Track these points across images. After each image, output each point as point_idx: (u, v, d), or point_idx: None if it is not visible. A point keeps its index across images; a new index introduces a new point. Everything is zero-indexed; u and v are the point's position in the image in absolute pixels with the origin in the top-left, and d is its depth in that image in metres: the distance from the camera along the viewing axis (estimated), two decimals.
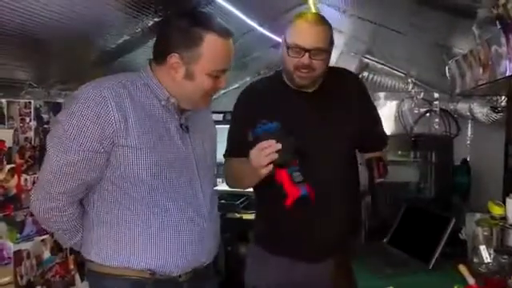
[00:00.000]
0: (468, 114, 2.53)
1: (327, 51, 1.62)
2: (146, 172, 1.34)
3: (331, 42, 1.65)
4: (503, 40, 1.26)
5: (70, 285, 1.92)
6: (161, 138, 1.37)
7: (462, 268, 1.51)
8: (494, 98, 2.06)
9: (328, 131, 1.68)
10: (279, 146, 1.45)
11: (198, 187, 1.46)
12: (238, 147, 1.69)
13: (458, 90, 1.80)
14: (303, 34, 1.59)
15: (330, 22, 1.65)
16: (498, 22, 1.27)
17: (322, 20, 1.63)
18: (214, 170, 1.67)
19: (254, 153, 1.50)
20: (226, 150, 1.81)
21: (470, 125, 2.81)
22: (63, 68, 1.80)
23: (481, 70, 1.49)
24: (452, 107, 2.73)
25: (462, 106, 2.60)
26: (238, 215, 2.96)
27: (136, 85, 1.38)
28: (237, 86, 3.40)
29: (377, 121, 1.86)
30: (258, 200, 1.94)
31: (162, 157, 1.37)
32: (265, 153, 1.46)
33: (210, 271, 1.58)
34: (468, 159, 2.70)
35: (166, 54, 1.35)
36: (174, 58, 1.34)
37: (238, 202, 3.04)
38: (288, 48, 1.61)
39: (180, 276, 1.44)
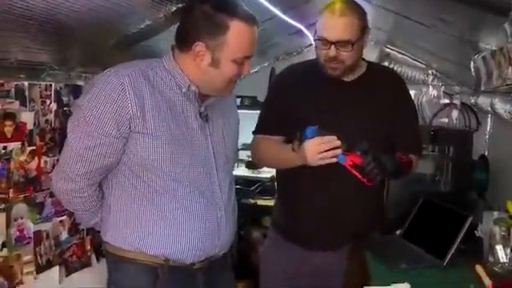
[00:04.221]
0: (489, 108, 2.48)
1: (355, 42, 1.58)
2: (162, 160, 1.35)
3: (362, 31, 1.60)
4: None
5: (86, 265, 1.96)
6: (179, 126, 1.38)
7: (479, 268, 1.50)
8: None
9: (360, 121, 1.67)
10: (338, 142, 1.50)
11: (215, 177, 1.46)
12: (271, 125, 1.76)
13: (483, 87, 1.76)
14: (327, 26, 1.58)
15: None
16: None
17: (349, 10, 1.58)
18: (234, 159, 1.66)
19: (312, 146, 1.52)
20: (257, 126, 1.83)
21: (489, 120, 2.76)
22: (84, 51, 1.80)
23: (510, 70, 1.45)
24: (473, 101, 2.68)
25: (484, 101, 2.54)
26: (252, 201, 2.98)
27: (156, 72, 1.38)
28: (255, 70, 3.40)
29: (412, 124, 1.82)
30: (279, 187, 1.97)
31: (180, 145, 1.37)
32: (326, 147, 1.50)
33: (227, 261, 1.59)
34: (486, 154, 2.66)
35: (190, 41, 1.33)
36: (199, 46, 1.33)
37: (253, 188, 3.05)
38: (315, 40, 1.61)
39: (194, 264, 1.46)
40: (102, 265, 1.71)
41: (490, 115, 2.73)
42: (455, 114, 2.66)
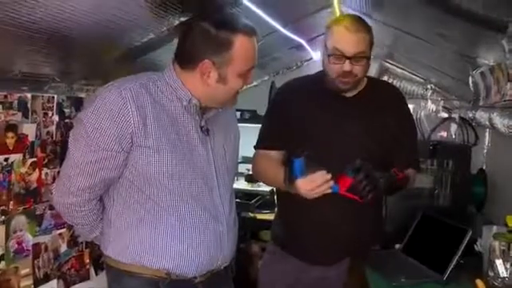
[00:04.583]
0: (487, 123, 2.50)
1: (368, 56, 1.62)
2: (164, 174, 1.34)
3: (371, 45, 1.63)
4: None
5: (85, 278, 1.94)
6: (180, 140, 1.38)
7: (480, 283, 1.50)
8: None
9: (362, 136, 1.68)
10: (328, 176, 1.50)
11: (216, 191, 1.46)
12: (273, 139, 1.77)
13: (481, 103, 1.78)
14: (344, 40, 1.58)
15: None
16: None
17: (362, 26, 1.61)
18: (234, 173, 1.66)
19: (305, 185, 1.52)
20: (258, 140, 1.83)
21: (487, 134, 2.78)
22: (87, 64, 1.81)
23: (509, 85, 1.47)
24: (471, 115, 2.69)
25: (482, 115, 2.55)
26: (251, 214, 2.98)
27: (157, 85, 1.38)
28: (255, 84, 3.41)
29: (410, 139, 1.82)
30: (279, 201, 1.97)
31: (181, 159, 1.37)
32: (317, 184, 1.50)
33: (227, 273, 1.58)
34: (484, 168, 2.68)
35: (196, 60, 1.34)
36: (206, 65, 1.33)
37: (253, 202, 3.05)
38: (329, 55, 1.61)
39: (195, 278, 1.45)
40: (101, 278, 1.71)
41: (488, 130, 2.74)
42: (454, 128, 2.68)
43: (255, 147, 1.86)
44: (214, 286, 1.51)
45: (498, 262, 1.67)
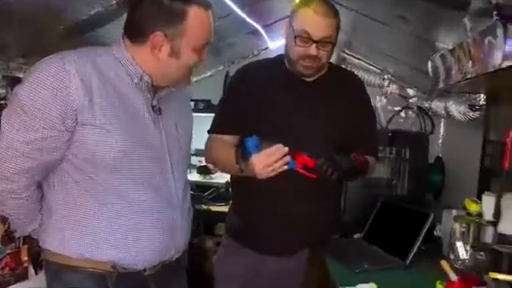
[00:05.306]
0: (443, 112, 2.52)
1: (334, 42, 1.60)
2: (113, 155, 1.23)
3: (338, 31, 1.60)
4: (499, 31, 1.22)
5: (22, 278, 1.76)
6: (130, 118, 1.27)
7: (445, 264, 1.48)
8: (473, 96, 2.04)
9: (321, 121, 1.65)
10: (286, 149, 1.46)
11: (170, 174, 1.36)
12: (228, 123, 1.70)
13: (441, 85, 1.77)
14: (312, 23, 1.54)
15: None
16: (494, 13, 1.23)
17: (331, 9, 1.58)
18: (189, 158, 1.57)
19: (260, 161, 1.47)
20: (213, 124, 1.77)
21: (442, 124, 2.81)
22: (25, 40, 1.65)
23: (470, 64, 1.45)
24: (427, 105, 2.72)
25: (438, 105, 2.58)
26: (205, 207, 2.86)
27: (106, 60, 1.27)
28: (209, 74, 3.34)
29: (369, 127, 1.81)
30: (234, 192, 1.89)
31: (131, 139, 1.26)
32: (274, 158, 1.46)
33: (181, 265, 1.49)
34: (441, 156, 2.70)
35: (146, 32, 1.25)
36: (158, 37, 1.24)
37: (206, 194, 2.93)
38: (295, 37, 1.56)
39: (145, 270, 1.34)
40: (41, 277, 1.54)
41: (443, 119, 2.78)
42: (411, 117, 2.69)
43: (209, 131, 1.79)
44: (166, 279, 1.41)
45: (459, 245, 1.66)
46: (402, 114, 2.75)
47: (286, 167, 1.48)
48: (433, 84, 1.90)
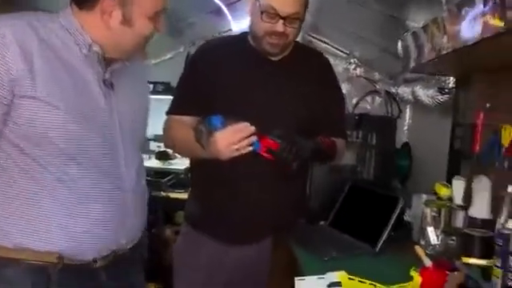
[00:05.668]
0: (410, 97, 2.48)
1: (302, 19, 1.52)
2: (57, 132, 1.10)
3: (306, 7, 1.53)
4: (479, 1, 1.15)
5: None
6: (78, 93, 1.14)
7: (419, 249, 1.41)
8: (443, 79, 2.00)
9: (287, 102, 1.57)
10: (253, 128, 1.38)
11: (121, 155, 1.23)
12: (188, 103, 1.61)
13: (412, 65, 1.70)
14: None
15: None
16: None
17: None
18: (144, 137, 1.44)
19: (225, 138, 1.38)
20: (172, 105, 1.66)
21: (408, 109, 2.78)
22: None
23: (445, 39, 1.38)
24: (394, 90, 2.67)
25: (404, 90, 2.55)
26: (163, 194, 2.71)
27: (50, 28, 1.13)
28: (169, 56, 3.20)
29: (337, 107, 1.74)
30: (194, 178, 1.77)
31: (78, 115, 1.13)
32: (240, 136, 1.38)
33: (135, 256, 1.35)
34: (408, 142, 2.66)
35: None
36: (108, 2, 1.12)
37: (165, 180, 2.78)
38: (262, 12, 1.47)
39: (95, 261, 1.21)
40: None
41: (409, 105, 2.74)
42: (378, 101, 2.63)
43: (167, 112, 1.68)
44: (120, 271, 1.28)
45: (430, 230, 1.60)
46: (368, 98, 2.69)
47: (250, 148, 1.39)
48: (403, 65, 1.83)
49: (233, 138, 1.37)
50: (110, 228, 1.20)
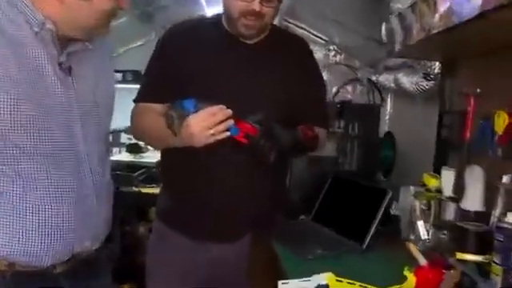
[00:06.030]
0: (392, 85, 2.39)
1: None
2: (7, 123, 0.97)
3: None
4: None
5: None
6: (30, 78, 1.00)
7: (412, 247, 1.30)
8: (428, 65, 1.90)
9: (262, 89, 1.44)
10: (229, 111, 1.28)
11: (82, 148, 1.11)
12: (156, 90, 1.49)
13: (398, 48, 1.58)
14: None
15: None
16: None
17: None
18: (108, 127, 1.30)
19: (199, 122, 1.26)
20: (139, 93, 1.54)
21: (389, 97, 2.69)
22: None
23: (436, 17, 1.27)
24: (374, 78, 2.57)
25: (386, 77, 2.45)
26: (135, 189, 2.55)
27: None
28: (140, 43, 3.03)
29: (318, 94, 1.62)
30: (164, 170, 1.63)
31: (31, 103, 1.00)
32: (216, 119, 1.26)
33: (100, 260, 1.23)
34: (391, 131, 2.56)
35: None
36: None
37: (136, 175, 2.62)
38: None
39: (55, 267, 1.08)
40: None
41: (390, 93, 2.65)
42: (359, 89, 2.53)
43: (135, 100, 1.55)
44: (84, 276, 1.15)
45: (420, 224, 1.50)
46: (349, 87, 2.58)
47: (227, 133, 1.28)
48: (388, 50, 1.72)
49: (208, 122, 1.26)
50: (69, 230, 1.07)
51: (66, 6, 1.02)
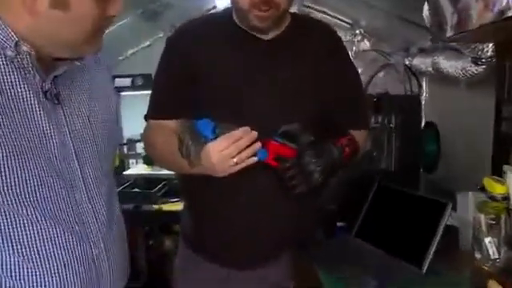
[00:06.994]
0: (430, 69, 2.13)
1: None
2: None
3: None
4: None
5: None
6: (7, 115, 0.81)
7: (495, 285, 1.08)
8: (479, 47, 1.64)
9: (288, 93, 1.24)
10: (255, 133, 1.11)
11: (82, 193, 0.92)
12: (168, 104, 1.31)
13: (449, 33, 1.33)
14: None
15: None
16: None
17: None
18: (112, 160, 1.10)
19: (220, 149, 1.10)
20: (150, 109, 1.35)
21: (425, 83, 2.43)
22: None
23: None
24: (407, 63, 2.32)
25: (423, 61, 2.20)
26: (155, 207, 2.35)
27: None
28: (148, 43, 2.82)
29: (355, 91, 1.40)
30: (184, 193, 1.47)
31: (10, 147, 0.80)
32: (239, 146, 1.10)
33: None
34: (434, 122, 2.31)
35: None
36: None
37: (155, 190, 2.42)
38: None
39: None
40: None
41: (425, 78, 2.39)
42: (392, 77, 2.28)
43: (146, 117, 1.36)
44: None
45: (487, 241, 1.28)
46: (380, 75, 2.33)
47: (254, 159, 1.11)
48: (434, 35, 1.47)
49: (230, 150, 1.09)
50: None
51: (41, 20, 0.81)
